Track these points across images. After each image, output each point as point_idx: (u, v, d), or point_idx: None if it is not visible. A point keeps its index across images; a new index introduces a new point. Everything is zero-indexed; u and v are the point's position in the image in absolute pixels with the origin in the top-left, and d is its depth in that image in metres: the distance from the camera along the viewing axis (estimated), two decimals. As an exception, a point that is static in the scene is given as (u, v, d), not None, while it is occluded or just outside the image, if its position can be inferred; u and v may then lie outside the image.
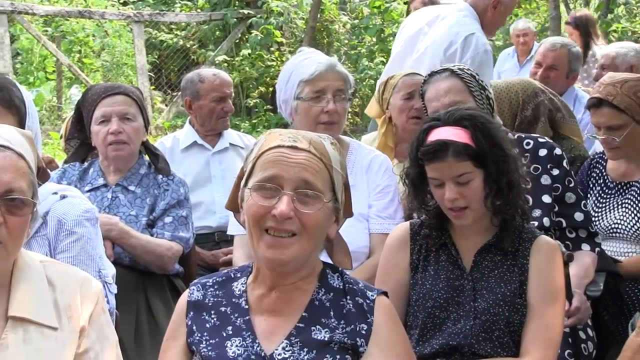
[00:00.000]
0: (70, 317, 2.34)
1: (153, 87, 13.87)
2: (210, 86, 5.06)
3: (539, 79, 5.48)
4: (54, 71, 14.15)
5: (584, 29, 8.20)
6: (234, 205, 2.54)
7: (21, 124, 2.98)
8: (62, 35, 14.27)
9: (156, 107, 13.58)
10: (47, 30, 14.23)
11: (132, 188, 4.06)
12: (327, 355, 2.37)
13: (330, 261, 2.61)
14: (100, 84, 5.65)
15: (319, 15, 13.64)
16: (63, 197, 3.13)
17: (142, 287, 3.91)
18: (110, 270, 3.25)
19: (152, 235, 4.00)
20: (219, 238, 4.87)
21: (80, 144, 4.24)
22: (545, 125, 4.56)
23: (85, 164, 4.19)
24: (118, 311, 3.25)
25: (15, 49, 14.09)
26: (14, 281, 2.33)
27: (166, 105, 13.90)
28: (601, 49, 7.34)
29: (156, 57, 14.70)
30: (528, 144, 3.86)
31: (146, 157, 4.19)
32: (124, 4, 15.64)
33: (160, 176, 4.11)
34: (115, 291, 3.26)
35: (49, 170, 2.86)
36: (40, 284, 2.35)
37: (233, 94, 5.22)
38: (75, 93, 13.84)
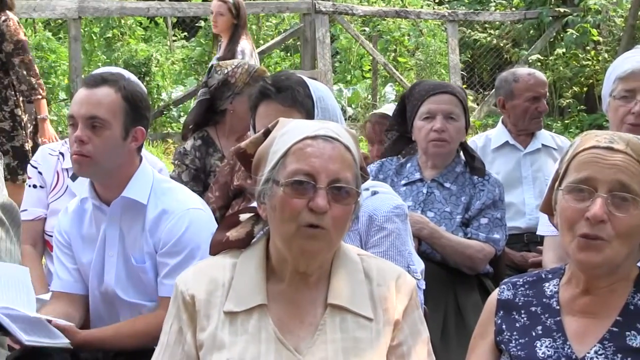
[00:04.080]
0: (386, 310, 2.40)
1: (465, 85, 13.93)
2: (524, 86, 5.02)
3: None
4: (369, 69, 14.59)
5: None
6: (548, 208, 2.51)
7: (309, 117, 3.14)
8: (378, 35, 14.68)
9: (468, 105, 13.63)
10: (364, 30, 14.70)
11: (447, 185, 4.11)
12: None
13: None
14: (428, 80, 5.79)
15: (639, 13, 13.07)
16: (374, 193, 3.22)
17: (452, 284, 3.94)
18: (419, 266, 3.29)
19: (465, 234, 4.03)
20: (528, 239, 4.84)
21: (398, 137, 4.35)
22: None
23: (403, 159, 4.30)
24: (426, 307, 3.31)
25: (335, 48, 14.67)
26: (333, 271, 2.42)
27: (477, 104, 13.91)
28: None
29: (469, 55, 14.76)
30: None
31: (462, 157, 4.22)
32: (439, 3, 15.84)
33: (476, 177, 4.14)
34: (424, 287, 3.31)
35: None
36: (358, 275, 2.43)
37: (548, 94, 5.15)
38: (389, 91, 14.22)
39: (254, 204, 2.49)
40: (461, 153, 4.21)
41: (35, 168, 4.33)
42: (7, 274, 3.06)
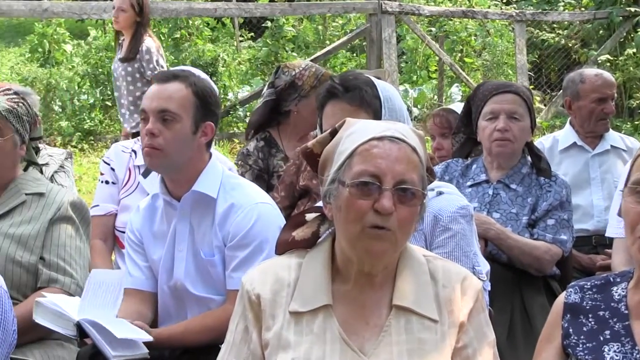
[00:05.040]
0: (451, 312, 2.38)
1: (532, 86, 13.79)
2: (590, 87, 4.97)
3: None
4: (436, 70, 14.52)
5: None
6: None
7: (376, 118, 3.15)
8: (445, 35, 14.61)
9: (535, 106, 13.49)
10: (431, 30, 14.63)
11: (513, 186, 4.08)
12: None
13: None
14: (492, 80, 5.76)
15: None
16: (439, 193, 3.21)
17: (518, 286, 3.93)
18: (485, 267, 3.27)
19: (532, 235, 4.00)
20: (597, 242, 4.80)
21: (466, 139, 4.34)
22: None
23: (469, 160, 4.29)
24: (492, 308, 3.29)
25: (401, 49, 14.63)
26: (399, 272, 2.41)
27: (545, 105, 13.76)
28: None
29: (536, 56, 14.61)
30: None
31: (528, 158, 4.19)
32: (507, 3, 15.70)
33: (542, 178, 4.10)
34: (489, 288, 3.29)
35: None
36: (423, 276, 2.41)
37: (616, 95, 5.08)
38: (455, 92, 14.12)
39: (320, 204, 2.50)
40: (527, 154, 4.18)
41: (108, 164, 4.40)
42: (98, 280, 3.14)
